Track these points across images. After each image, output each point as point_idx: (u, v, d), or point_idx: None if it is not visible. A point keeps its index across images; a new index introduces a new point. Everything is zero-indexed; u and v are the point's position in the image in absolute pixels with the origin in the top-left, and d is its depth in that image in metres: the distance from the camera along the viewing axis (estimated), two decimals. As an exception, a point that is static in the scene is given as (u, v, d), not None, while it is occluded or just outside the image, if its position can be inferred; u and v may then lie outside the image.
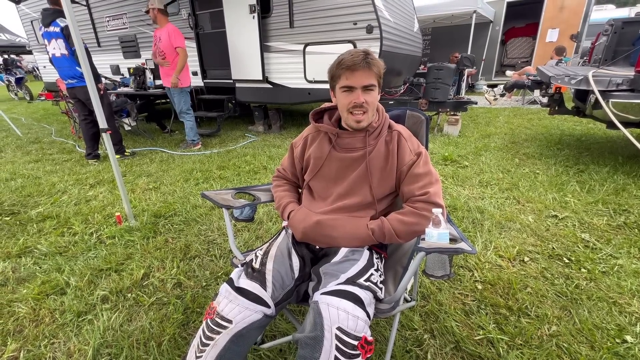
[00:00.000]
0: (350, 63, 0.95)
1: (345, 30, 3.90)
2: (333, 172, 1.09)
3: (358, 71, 0.95)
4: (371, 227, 1.00)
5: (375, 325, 1.33)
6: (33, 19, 6.92)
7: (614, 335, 1.24)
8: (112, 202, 2.58)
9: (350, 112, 1.00)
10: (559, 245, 1.83)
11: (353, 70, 0.95)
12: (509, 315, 1.36)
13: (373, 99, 0.99)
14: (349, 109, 1.00)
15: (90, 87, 1.93)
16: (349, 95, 0.98)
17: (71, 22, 1.84)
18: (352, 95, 0.98)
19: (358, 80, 0.96)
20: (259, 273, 0.95)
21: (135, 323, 1.38)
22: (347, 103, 0.99)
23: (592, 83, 2.52)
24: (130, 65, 5.60)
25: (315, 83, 4.24)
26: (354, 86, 0.97)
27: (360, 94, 0.97)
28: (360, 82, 0.96)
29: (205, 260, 1.81)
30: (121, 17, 5.66)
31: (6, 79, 11.49)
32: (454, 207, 2.31)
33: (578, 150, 3.46)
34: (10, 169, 3.47)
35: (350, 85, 0.97)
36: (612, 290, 1.47)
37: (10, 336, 1.32)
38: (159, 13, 3.65)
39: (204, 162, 3.56)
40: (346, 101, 0.99)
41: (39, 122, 6.37)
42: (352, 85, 0.97)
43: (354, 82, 0.96)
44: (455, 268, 1.67)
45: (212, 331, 0.84)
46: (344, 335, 0.77)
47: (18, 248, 1.94)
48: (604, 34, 3.49)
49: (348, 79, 0.97)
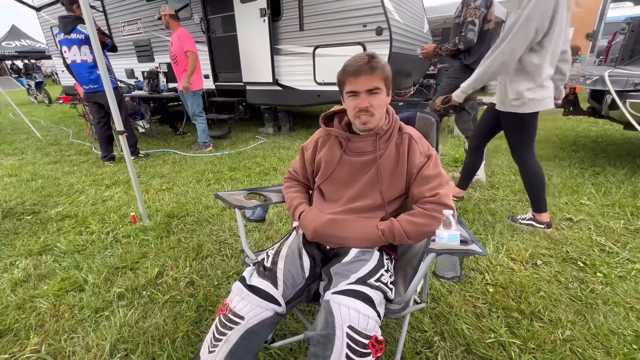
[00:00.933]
0: (353, 68, 0.97)
1: (354, 33, 3.92)
2: (344, 175, 1.10)
3: (361, 76, 0.97)
4: (381, 228, 1.01)
5: (385, 326, 1.34)
6: (52, 25, 7.17)
7: (631, 341, 1.21)
8: (127, 202, 2.66)
9: (357, 116, 1.02)
10: (574, 249, 1.79)
11: (356, 75, 0.97)
12: (521, 319, 1.34)
13: (379, 101, 1.00)
14: (355, 113, 1.02)
15: (108, 92, 2.00)
16: (355, 99, 1.00)
17: (90, 29, 1.91)
18: (357, 100, 1.00)
19: (361, 84, 0.98)
20: (270, 272, 0.97)
21: (150, 320, 1.41)
22: (353, 107, 1.01)
23: (609, 83, 2.47)
24: (145, 69, 5.76)
25: (325, 85, 4.26)
26: (358, 90, 0.99)
27: (365, 97, 0.99)
28: (363, 86, 0.98)
29: (217, 260, 1.84)
30: (136, 22, 5.82)
31: (26, 83, 11.94)
32: (464, 209, 2.28)
33: (594, 152, 3.38)
34: (31, 169, 3.61)
35: (355, 90, 0.99)
36: (629, 295, 1.44)
37: (33, 330, 1.38)
38: (171, 19, 3.75)
39: (216, 163, 3.62)
40: (352, 105, 1.02)
41: (57, 124, 6.59)
42: (356, 89, 0.99)
43: (358, 86, 0.98)
44: (466, 270, 1.66)
45: (224, 327, 0.86)
46: (355, 334, 0.78)
47: (39, 246, 2.02)
48: (621, 32, 3.41)
49: (352, 84, 0.99)
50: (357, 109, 1.00)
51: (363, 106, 0.99)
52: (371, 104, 0.99)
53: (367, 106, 0.99)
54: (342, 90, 1.04)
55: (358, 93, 0.99)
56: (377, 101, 1.00)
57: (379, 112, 1.02)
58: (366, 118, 1.01)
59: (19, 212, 2.51)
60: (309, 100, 4.52)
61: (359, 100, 0.99)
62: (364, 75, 0.96)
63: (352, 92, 1.00)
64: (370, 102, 0.99)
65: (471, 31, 2.24)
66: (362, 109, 0.99)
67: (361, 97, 0.99)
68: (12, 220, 2.38)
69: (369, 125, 1.03)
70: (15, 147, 4.73)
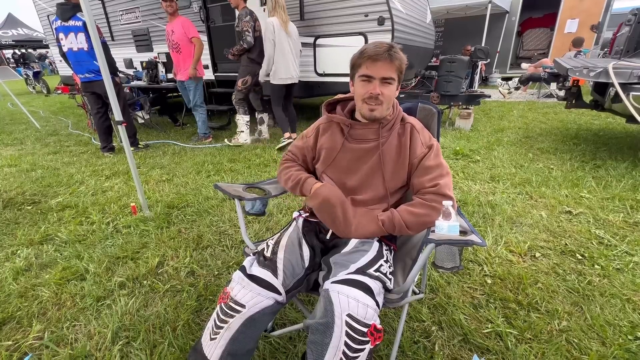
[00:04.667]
0: (372, 53, 0.95)
1: (356, 22, 3.85)
2: (345, 163, 1.10)
3: (379, 62, 0.95)
4: (381, 218, 1.01)
5: (383, 316, 1.35)
6: (49, 14, 7.06)
7: (627, 332, 1.23)
8: (127, 193, 2.66)
9: (366, 101, 1.01)
10: (572, 242, 1.80)
11: (374, 60, 0.96)
12: (518, 310, 1.36)
13: (390, 92, 1.00)
14: (364, 99, 1.01)
15: (106, 80, 1.98)
16: (367, 85, 0.99)
17: (88, 16, 1.88)
18: (370, 86, 0.98)
19: (378, 71, 0.96)
20: (270, 261, 0.97)
21: (151, 309, 1.43)
22: (364, 92, 1.00)
23: (612, 75, 2.44)
24: (143, 58, 5.68)
25: (325, 76, 4.21)
26: (373, 76, 0.97)
27: (378, 85, 0.98)
28: (379, 73, 0.96)
29: (217, 250, 1.85)
30: (134, 10, 5.72)
31: (24, 72, 11.82)
32: (464, 202, 2.29)
33: (595, 145, 3.37)
34: (31, 160, 3.60)
35: (369, 75, 0.98)
36: (626, 287, 1.45)
37: (35, 318, 1.39)
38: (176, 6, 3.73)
39: (215, 155, 3.61)
40: (363, 90, 1.00)
41: (56, 115, 6.55)
42: (371, 74, 0.97)
43: (374, 72, 0.97)
44: (465, 262, 1.67)
45: (226, 315, 0.87)
46: (354, 322, 0.79)
47: (40, 236, 2.02)
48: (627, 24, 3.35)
49: (368, 68, 0.97)
50: (369, 94, 0.99)
51: (375, 93, 0.98)
52: (382, 93, 0.98)
53: (378, 94, 0.98)
54: (355, 74, 1.02)
55: (372, 79, 0.98)
56: (388, 91, 0.99)
57: (387, 103, 1.01)
58: (375, 105, 1.00)
59: (19, 202, 2.51)
60: (309, 91, 4.48)
61: (372, 86, 0.98)
62: (382, 62, 0.95)
63: (366, 77, 0.98)
64: (382, 90, 0.98)
65: (249, 36, 3.48)
66: (373, 95, 0.98)
67: (374, 83, 0.98)
68: (13, 210, 2.39)
69: (374, 114, 1.02)
70: (15, 138, 4.71)
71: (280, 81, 3.52)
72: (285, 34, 3.36)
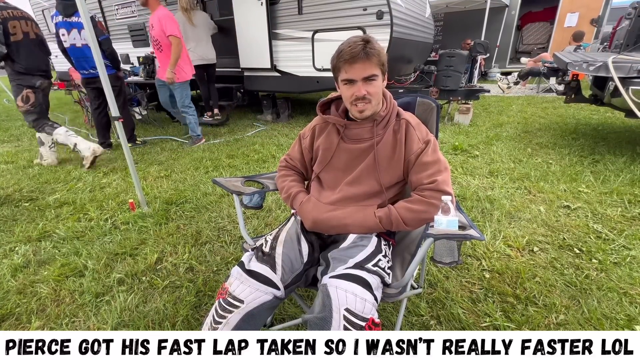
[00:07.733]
0: (348, 56, 0.93)
1: (354, 17, 3.82)
2: (342, 163, 1.09)
3: (357, 63, 0.93)
4: (378, 215, 1.01)
5: (382, 310, 1.36)
6: (44, 9, 6.96)
7: (623, 325, 1.24)
8: (125, 189, 2.65)
9: (354, 104, 1.00)
10: (570, 236, 1.81)
11: (352, 62, 0.94)
12: (516, 304, 1.36)
13: (376, 88, 0.98)
14: (352, 102, 1.00)
15: (102, 76, 1.96)
16: (351, 87, 0.98)
17: (83, 14, 1.85)
18: (354, 88, 0.97)
19: (358, 72, 0.95)
20: (269, 257, 0.97)
21: (150, 304, 1.43)
22: (350, 96, 0.99)
23: (612, 69, 2.43)
24: (140, 54, 5.62)
25: (324, 71, 4.19)
26: (354, 79, 0.96)
27: (361, 86, 0.96)
28: (360, 74, 0.95)
29: (215, 246, 1.85)
30: (130, 5, 5.65)
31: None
32: (463, 197, 2.29)
33: (594, 140, 3.37)
34: (27, 156, 3.58)
35: (351, 79, 0.96)
36: (623, 281, 1.46)
37: (34, 314, 1.39)
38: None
39: (214, 150, 3.60)
40: (348, 94, 0.99)
41: (53, 111, 6.46)
42: (352, 78, 0.96)
43: (354, 74, 0.95)
44: (463, 257, 1.67)
45: (224, 310, 0.87)
46: (352, 316, 0.79)
47: (38, 232, 2.02)
48: (627, 17, 3.33)
49: (347, 72, 0.96)
50: (354, 97, 0.98)
51: (360, 94, 0.96)
52: (368, 92, 0.97)
53: (364, 94, 0.96)
54: (337, 77, 1.01)
55: (354, 81, 0.96)
56: (374, 88, 0.97)
57: (375, 99, 1.00)
58: (363, 106, 0.99)
59: (16, 199, 2.50)
60: (308, 86, 4.45)
61: (356, 89, 0.97)
62: (360, 62, 0.93)
63: (347, 80, 0.97)
64: (367, 89, 0.96)
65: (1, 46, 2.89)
66: (359, 97, 0.97)
67: (357, 85, 0.96)
68: (10, 207, 2.38)
69: (366, 113, 1.01)
70: (11, 134, 4.68)
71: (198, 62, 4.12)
72: (191, 25, 4.01)
